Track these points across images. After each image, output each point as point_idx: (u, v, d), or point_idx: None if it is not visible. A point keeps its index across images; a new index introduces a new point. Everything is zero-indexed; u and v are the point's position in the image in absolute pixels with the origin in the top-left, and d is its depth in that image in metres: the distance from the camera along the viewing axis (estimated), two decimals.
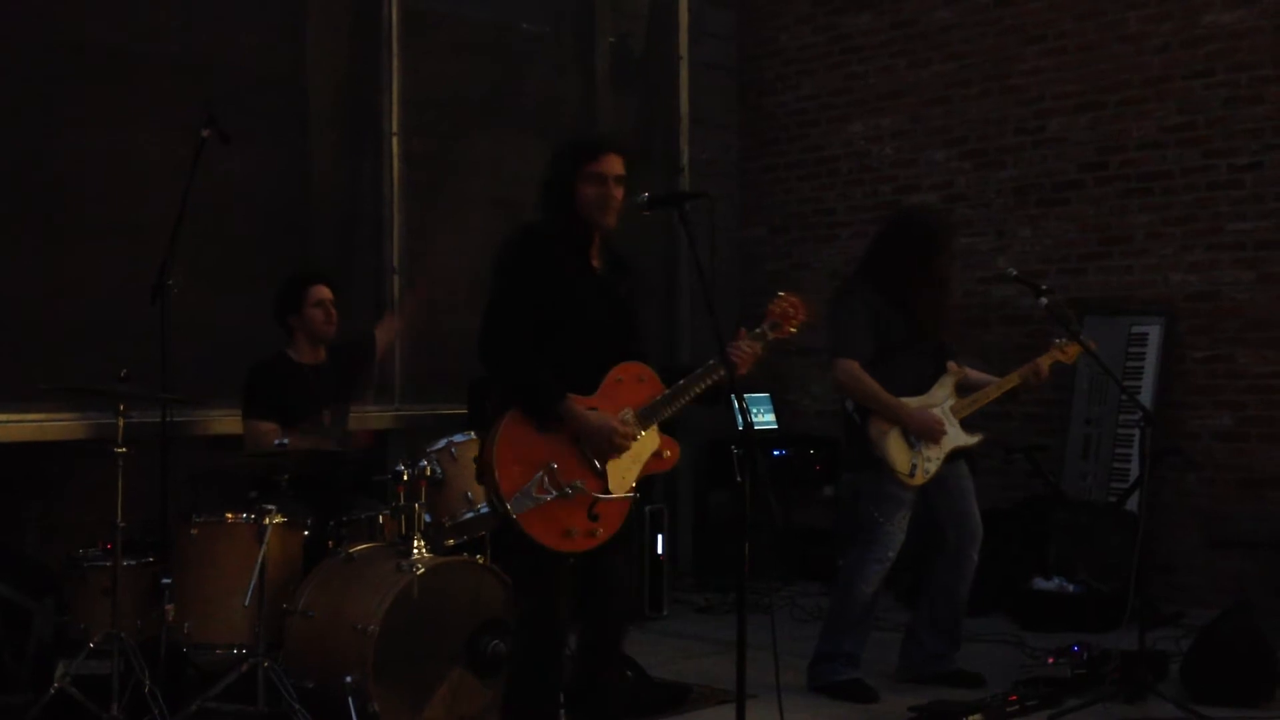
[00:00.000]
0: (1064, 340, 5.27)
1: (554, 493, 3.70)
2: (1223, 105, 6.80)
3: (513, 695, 3.89)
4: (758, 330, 3.89)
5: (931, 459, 5.09)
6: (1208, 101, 6.85)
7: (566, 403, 3.72)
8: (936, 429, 5.06)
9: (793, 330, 3.93)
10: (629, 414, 3.81)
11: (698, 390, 3.86)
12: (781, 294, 3.93)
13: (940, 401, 5.14)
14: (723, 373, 3.79)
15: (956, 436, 5.14)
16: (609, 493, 3.76)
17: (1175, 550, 6.76)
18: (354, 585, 4.43)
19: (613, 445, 3.75)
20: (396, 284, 6.56)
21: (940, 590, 5.23)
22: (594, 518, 3.75)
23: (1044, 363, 5.18)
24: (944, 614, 5.25)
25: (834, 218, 8.18)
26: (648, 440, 3.84)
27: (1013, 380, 5.18)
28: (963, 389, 5.22)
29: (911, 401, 5.08)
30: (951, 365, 5.21)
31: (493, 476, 3.70)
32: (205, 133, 5.07)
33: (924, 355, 5.16)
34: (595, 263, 3.93)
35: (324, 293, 5.27)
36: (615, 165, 3.85)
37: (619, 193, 3.86)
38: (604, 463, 3.77)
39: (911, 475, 5.05)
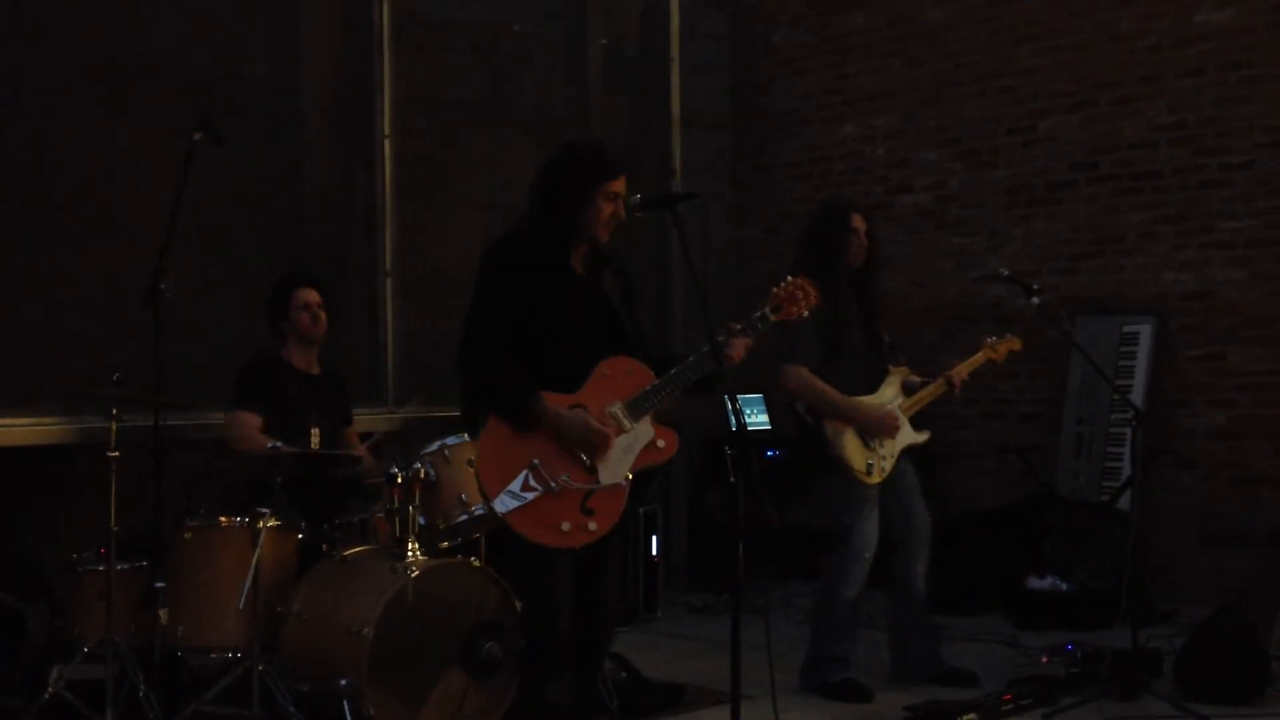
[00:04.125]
0: (995, 340, 5.33)
1: (539, 489, 3.71)
2: (1214, 104, 6.81)
3: (525, 694, 3.92)
4: (757, 315, 3.90)
5: (886, 457, 5.10)
6: (1199, 100, 6.86)
7: (540, 402, 3.72)
8: (892, 424, 5.07)
9: (801, 313, 3.95)
10: (617, 406, 3.82)
11: (688, 380, 3.86)
12: (790, 278, 3.95)
13: (890, 400, 5.16)
14: (714, 364, 3.80)
15: (907, 434, 5.16)
16: (599, 484, 3.76)
17: (1168, 548, 6.76)
18: (348, 588, 4.43)
19: (589, 441, 3.76)
20: (389, 286, 6.56)
21: (901, 588, 5.24)
22: (588, 511, 3.76)
23: (961, 371, 5.21)
24: (912, 611, 5.25)
25: None
26: (641, 431, 3.85)
27: (937, 389, 5.20)
28: (906, 388, 5.24)
29: (863, 400, 5.09)
30: (894, 367, 5.24)
31: (479, 479, 3.72)
32: (197, 136, 5.05)
33: (867, 353, 5.19)
34: (578, 266, 3.94)
35: (309, 296, 5.29)
36: (624, 184, 3.90)
37: (621, 210, 3.90)
38: (590, 458, 3.77)
39: (869, 474, 5.06)
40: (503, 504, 3.70)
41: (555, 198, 3.89)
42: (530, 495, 3.71)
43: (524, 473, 3.72)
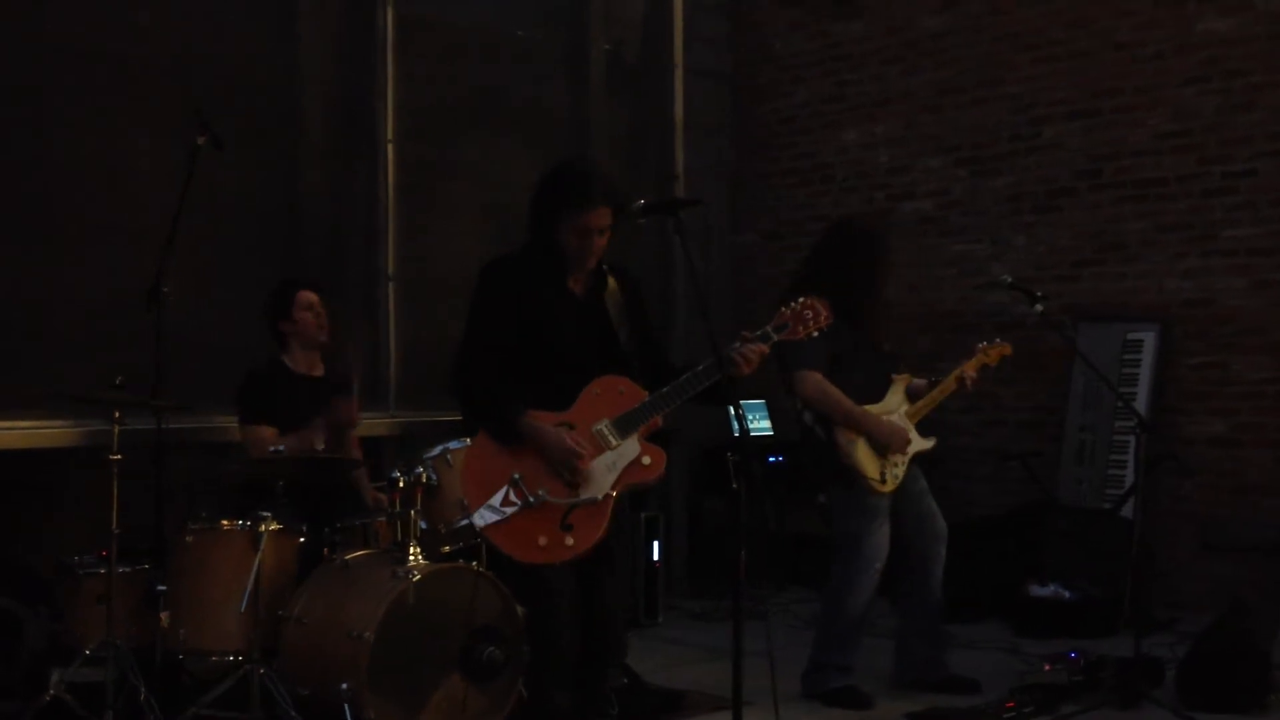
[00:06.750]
0: (987, 345, 5.31)
1: (519, 504, 3.71)
2: (1216, 112, 6.82)
3: (531, 700, 3.92)
4: (759, 333, 3.89)
5: (898, 464, 5.10)
6: (1201, 108, 6.87)
7: (525, 419, 3.72)
8: (903, 439, 5.07)
9: (810, 334, 3.94)
10: (604, 424, 3.81)
11: (688, 395, 3.85)
12: (803, 298, 3.95)
13: (896, 408, 5.16)
14: (717, 377, 3.79)
15: (915, 442, 5.16)
16: (577, 500, 3.75)
17: (1170, 556, 6.76)
18: (349, 592, 4.43)
19: (565, 458, 3.76)
20: (391, 290, 6.55)
21: (915, 594, 5.23)
22: (567, 527, 3.74)
23: (969, 369, 5.19)
24: (923, 617, 5.24)
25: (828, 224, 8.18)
26: (627, 448, 3.84)
27: (949, 386, 5.18)
28: (911, 393, 5.23)
29: (871, 409, 5.09)
30: (895, 375, 5.23)
31: (462, 492, 3.73)
32: (199, 139, 5.06)
33: (873, 363, 5.18)
34: (576, 286, 3.93)
35: (311, 297, 5.27)
36: (603, 218, 3.82)
37: (602, 242, 3.86)
38: (567, 476, 3.76)
39: (883, 482, 5.05)
40: (481, 518, 3.71)
41: (532, 218, 3.89)
42: (510, 510, 3.72)
43: (505, 488, 3.73)
